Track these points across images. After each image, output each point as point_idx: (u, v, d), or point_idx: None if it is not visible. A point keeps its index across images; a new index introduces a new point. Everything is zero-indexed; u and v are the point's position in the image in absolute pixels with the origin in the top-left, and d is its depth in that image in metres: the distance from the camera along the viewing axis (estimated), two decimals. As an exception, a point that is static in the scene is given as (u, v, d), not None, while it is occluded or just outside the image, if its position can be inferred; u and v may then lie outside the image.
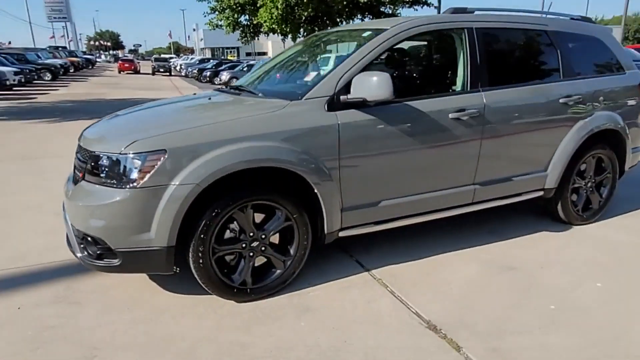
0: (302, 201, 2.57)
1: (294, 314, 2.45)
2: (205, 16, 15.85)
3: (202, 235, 2.32)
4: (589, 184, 3.74)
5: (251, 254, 2.52)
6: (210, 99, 3.04)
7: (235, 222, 2.46)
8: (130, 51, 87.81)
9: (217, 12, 14.38)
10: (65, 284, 2.74)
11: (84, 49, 65.61)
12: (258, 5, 10.97)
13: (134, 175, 2.21)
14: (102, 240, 2.28)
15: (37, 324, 2.33)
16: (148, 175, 2.20)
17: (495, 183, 3.22)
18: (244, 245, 2.49)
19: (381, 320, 2.39)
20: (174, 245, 2.29)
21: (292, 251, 2.62)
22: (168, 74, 35.01)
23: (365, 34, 2.96)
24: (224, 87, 3.22)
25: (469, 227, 3.63)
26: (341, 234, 2.74)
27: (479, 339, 2.23)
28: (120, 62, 38.38)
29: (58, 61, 28.62)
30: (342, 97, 2.56)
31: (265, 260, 2.62)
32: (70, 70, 30.95)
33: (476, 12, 3.20)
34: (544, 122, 3.31)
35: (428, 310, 2.48)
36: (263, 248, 2.55)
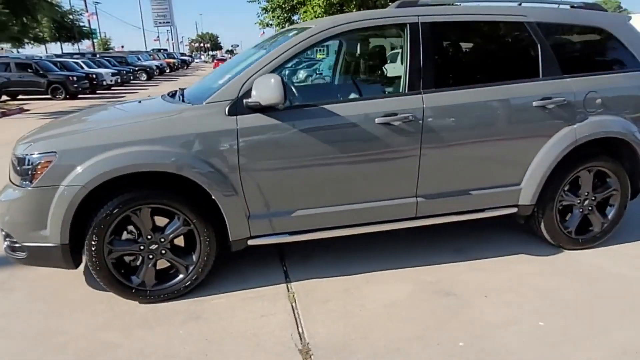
0: (204, 207, 2.54)
1: (181, 320, 2.45)
2: (258, 16, 16.38)
3: (94, 235, 2.42)
4: (587, 203, 3.18)
5: (150, 256, 2.56)
6: (140, 102, 3.15)
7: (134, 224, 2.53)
8: (227, 51, 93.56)
9: (267, 12, 14.72)
10: (13, 272, 3.03)
11: (184, 51, 71.90)
12: (305, 3, 10.99)
13: (31, 175, 2.38)
14: (10, 234, 2.49)
15: (-38, 305, 2.62)
16: (41, 176, 2.35)
17: (446, 196, 2.89)
18: (141, 247, 2.54)
19: (259, 337, 2.29)
20: (67, 243, 2.41)
21: (194, 257, 2.61)
22: (252, 72, 36.86)
23: (291, 33, 2.84)
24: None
25: (432, 243, 3.31)
26: (251, 242, 2.67)
27: (345, 370, 2.03)
28: (215, 61, 43.47)
29: (154, 62, 31.62)
30: (245, 101, 2.49)
31: (170, 264, 2.65)
32: (166, 71, 33.91)
33: (433, 5, 2.89)
34: (511, 128, 2.88)
35: (317, 331, 2.32)
36: (163, 251, 2.58)
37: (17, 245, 2.50)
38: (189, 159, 2.42)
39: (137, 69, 26.88)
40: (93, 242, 2.43)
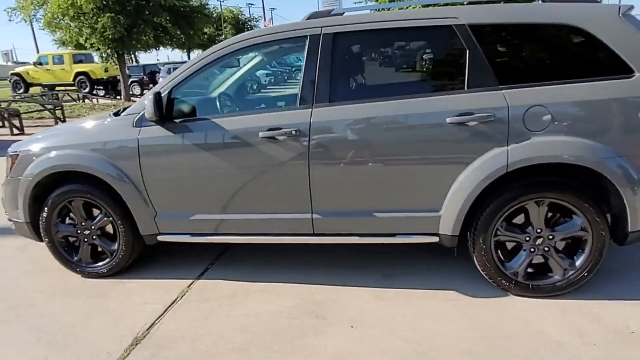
0: (120, 203, 3.03)
1: (92, 295, 3.00)
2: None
3: (43, 217, 3.15)
4: (540, 242, 2.65)
5: (85, 239, 3.19)
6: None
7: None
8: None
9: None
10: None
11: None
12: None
13: (9, 168, 3.23)
14: (5, 210, 3.41)
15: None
16: (12, 169, 3.18)
17: (345, 216, 2.79)
18: (78, 231, 3.19)
19: (120, 320, 2.68)
20: (30, 221, 3.20)
21: (116, 245, 3.14)
22: (411, 69, 36.56)
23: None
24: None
25: (361, 265, 3.18)
26: (160, 238, 3.07)
27: (145, 363, 2.28)
28: None
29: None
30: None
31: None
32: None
33: (347, 14, 2.81)
34: (418, 147, 2.61)
35: (167, 326, 2.60)
36: (94, 237, 3.18)
37: (8, 218, 3.41)
38: (100, 162, 2.94)
39: (293, 69, 29.48)
40: (43, 222, 3.16)
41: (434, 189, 2.66)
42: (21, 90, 18.55)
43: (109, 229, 3.20)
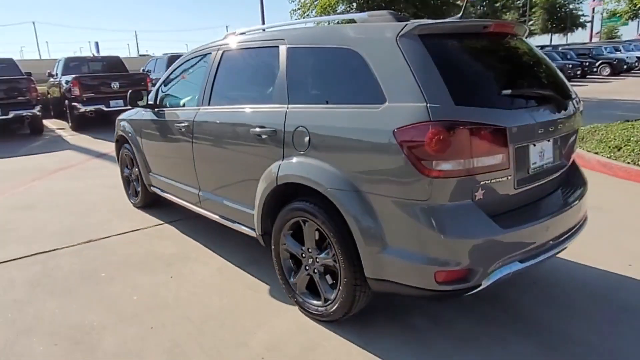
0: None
1: (118, 215, 4.79)
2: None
3: (119, 162, 5.16)
4: (311, 262, 2.76)
5: (131, 180, 5.03)
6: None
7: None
8: None
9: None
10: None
11: None
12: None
13: (117, 128, 5.38)
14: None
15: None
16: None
17: (213, 198, 3.56)
18: (129, 174, 5.04)
19: (99, 229, 4.33)
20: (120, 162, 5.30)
21: (139, 188, 4.84)
22: None
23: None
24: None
25: (248, 247, 3.78)
26: (152, 189, 4.58)
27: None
28: None
29: (636, 54, 28.21)
30: (149, 102, 4.38)
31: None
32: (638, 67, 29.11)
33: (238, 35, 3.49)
34: (237, 150, 3.16)
35: (110, 240, 4.11)
36: (133, 180, 4.97)
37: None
38: (129, 130, 4.65)
39: (597, 62, 25.31)
40: (119, 164, 5.18)
41: (250, 190, 3.10)
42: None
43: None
